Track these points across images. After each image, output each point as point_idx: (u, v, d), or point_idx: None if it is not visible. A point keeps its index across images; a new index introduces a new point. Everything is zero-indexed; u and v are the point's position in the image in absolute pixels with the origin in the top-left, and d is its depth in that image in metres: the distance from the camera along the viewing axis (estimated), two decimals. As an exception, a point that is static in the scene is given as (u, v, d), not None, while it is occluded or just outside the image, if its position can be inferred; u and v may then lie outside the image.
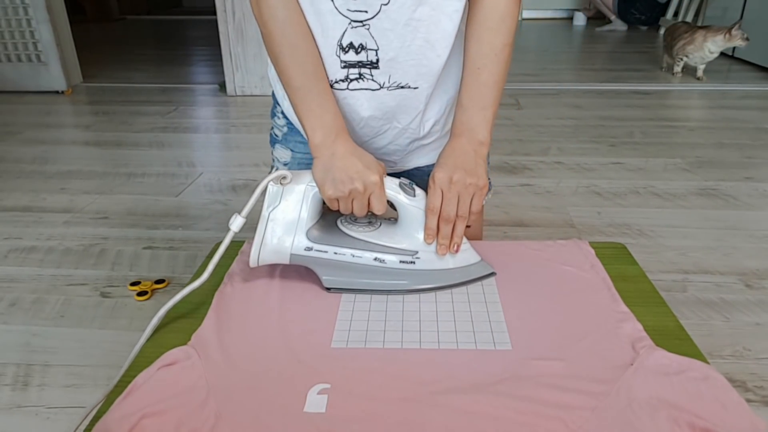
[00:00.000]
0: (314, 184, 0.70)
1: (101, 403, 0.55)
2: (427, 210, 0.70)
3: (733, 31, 2.59)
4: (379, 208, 0.70)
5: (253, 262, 0.71)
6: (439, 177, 0.70)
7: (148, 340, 0.65)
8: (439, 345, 0.63)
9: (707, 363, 0.58)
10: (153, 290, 1.12)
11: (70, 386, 0.89)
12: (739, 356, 0.93)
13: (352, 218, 0.74)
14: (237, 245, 0.84)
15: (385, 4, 0.68)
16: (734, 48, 3.03)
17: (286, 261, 0.71)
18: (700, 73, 2.79)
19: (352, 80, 0.74)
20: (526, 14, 5.02)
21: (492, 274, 0.75)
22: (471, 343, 0.63)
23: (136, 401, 0.54)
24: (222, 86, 2.76)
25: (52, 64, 2.68)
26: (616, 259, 0.79)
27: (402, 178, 0.73)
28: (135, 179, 1.71)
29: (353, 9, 0.68)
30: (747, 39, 2.60)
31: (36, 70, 2.70)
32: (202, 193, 1.61)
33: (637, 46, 3.82)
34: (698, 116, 2.30)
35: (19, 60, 2.68)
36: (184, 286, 0.67)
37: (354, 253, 0.71)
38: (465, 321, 0.67)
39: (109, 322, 1.04)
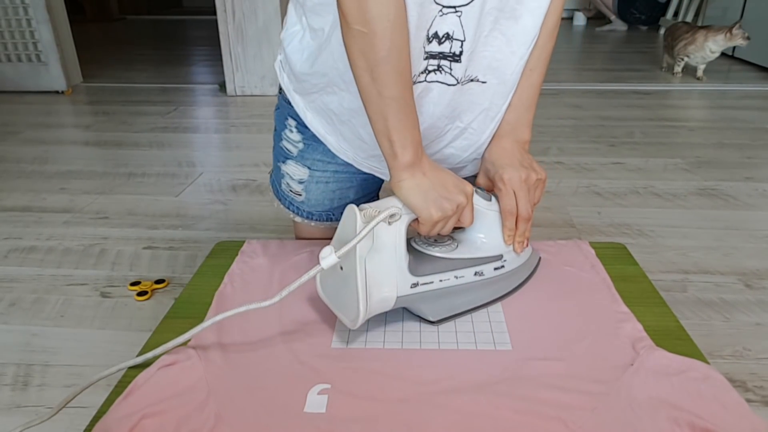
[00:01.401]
0: (408, 212, 0.63)
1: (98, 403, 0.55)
2: (506, 212, 0.69)
3: (734, 31, 2.59)
4: (470, 221, 0.66)
5: (361, 321, 0.60)
6: (510, 177, 0.69)
7: (148, 340, 0.65)
8: (439, 345, 0.63)
9: (707, 363, 0.58)
10: (153, 290, 1.12)
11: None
12: (739, 356, 0.93)
13: (430, 240, 0.69)
14: (237, 245, 0.84)
15: None
16: (734, 48, 3.03)
17: (390, 307, 0.63)
18: (700, 73, 2.79)
19: (430, 72, 0.68)
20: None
21: (540, 259, 0.78)
22: (471, 343, 0.63)
23: (136, 401, 0.54)
24: (222, 86, 2.76)
25: (52, 64, 2.68)
26: (617, 259, 0.79)
27: (477, 186, 0.71)
28: (135, 179, 1.71)
29: None
30: (748, 38, 2.60)
31: (36, 70, 2.70)
32: (202, 193, 1.61)
33: (637, 46, 3.81)
34: (698, 116, 2.30)
35: (19, 60, 2.68)
36: (184, 285, 0.67)
37: (456, 274, 0.66)
38: (465, 321, 0.67)
39: (109, 322, 1.04)
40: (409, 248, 0.66)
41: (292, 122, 0.85)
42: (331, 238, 0.93)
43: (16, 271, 1.22)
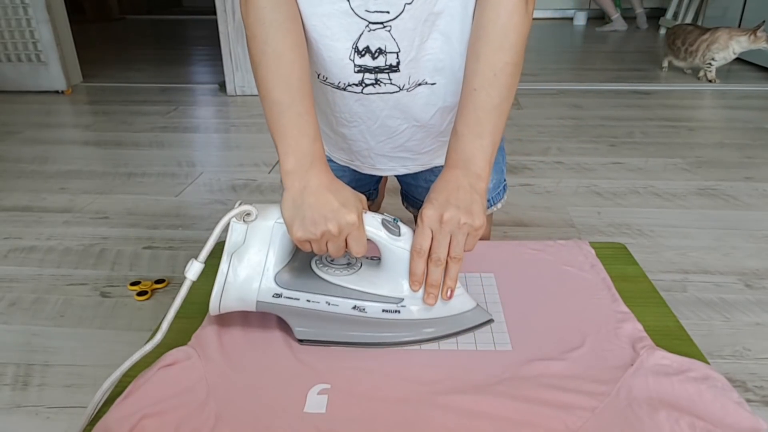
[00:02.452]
0: (282, 222, 0.61)
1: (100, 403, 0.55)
2: (413, 252, 0.60)
3: (759, 33, 2.55)
4: (357, 251, 0.60)
5: (213, 310, 0.62)
6: (428, 214, 0.60)
7: (148, 339, 0.65)
8: (439, 345, 0.63)
9: (707, 363, 0.58)
10: (153, 290, 1.12)
11: (70, 386, 0.89)
12: (739, 356, 0.93)
13: (328, 259, 0.64)
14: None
15: (409, 3, 0.62)
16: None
17: (252, 308, 0.62)
18: (701, 73, 2.78)
19: (367, 85, 0.67)
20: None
21: (489, 321, 0.66)
22: (471, 343, 0.63)
23: (136, 401, 0.54)
24: (222, 86, 2.76)
25: (52, 63, 2.68)
26: (617, 259, 0.79)
27: (385, 214, 0.63)
28: (135, 179, 1.71)
29: (373, 10, 0.61)
30: None
31: (36, 69, 2.70)
32: (202, 193, 1.61)
33: (637, 46, 3.81)
34: (698, 116, 2.30)
35: (19, 60, 2.68)
36: (180, 284, 0.67)
37: (330, 300, 0.61)
38: (465, 321, 0.67)
39: (109, 322, 1.04)
40: (300, 262, 0.64)
41: None
42: None
43: (16, 271, 1.22)
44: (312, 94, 0.64)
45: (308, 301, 0.61)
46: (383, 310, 0.61)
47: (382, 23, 0.63)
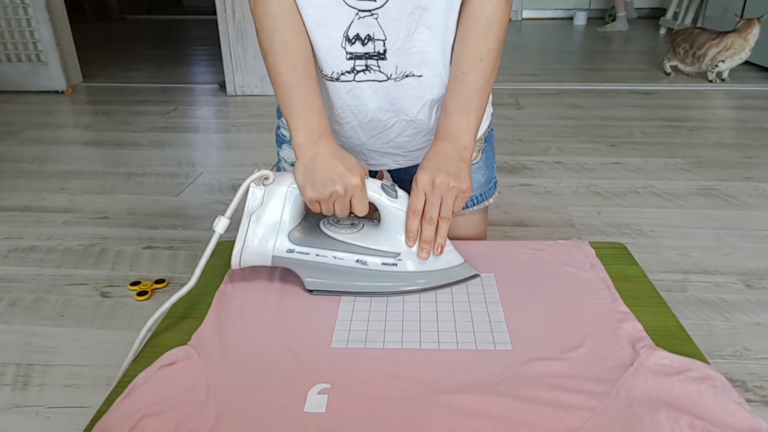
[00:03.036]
0: (296, 186, 0.69)
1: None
2: (409, 211, 0.69)
3: (749, 27, 2.57)
4: (360, 210, 0.69)
5: (234, 264, 0.70)
6: (422, 179, 0.69)
7: (148, 340, 0.65)
8: (439, 345, 0.63)
9: (707, 363, 0.58)
10: (153, 290, 1.12)
11: (70, 386, 0.89)
12: (739, 356, 0.93)
13: (335, 220, 0.73)
14: (227, 246, 0.84)
15: None
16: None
17: (268, 263, 0.71)
18: (711, 76, 2.75)
19: (358, 72, 0.73)
20: (526, 14, 5.02)
21: (475, 275, 0.74)
22: (471, 343, 0.63)
23: (136, 401, 0.54)
24: (222, 86, 2.76)
25: (52, 63, 2.68)
26: (617, 259, 0.79)
27: (384, 180, 0.72)
28: (135, 179, 1.72)
29: None
30: None
31: (36, 69, 2.70)
32: (202, 193, 1.61)
33: (637, 46, 3.82)
34: (698, 116, 2.30)
35: (19, 60, 2.69)
36: (182, 286, 0.67)
37: (336, 255, 0.70)
38: (465, 321, 0.67)
39: (109, 322, 1.04)
40: (312, 223, 0.72)
41: None
42: None
43: (16, 271, 1.22)
44: (316, 76, 0.71)
45: (317, 255, 0.69)
46: (382, 263, 0.70)
47: (369, 11, 0.69)
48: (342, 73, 0.73)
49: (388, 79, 0.74)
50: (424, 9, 0.70)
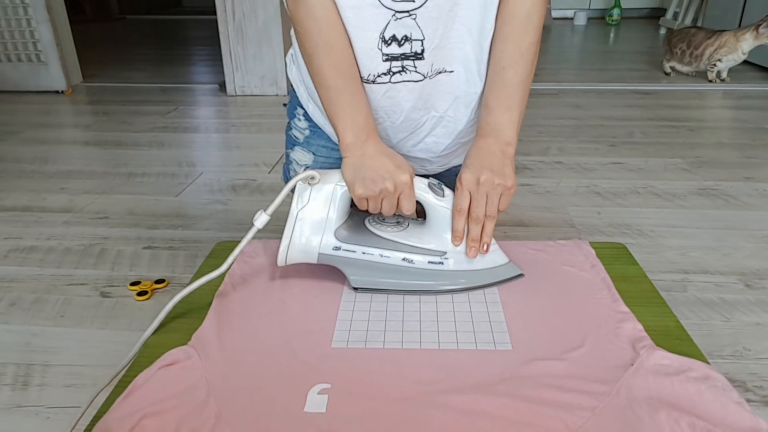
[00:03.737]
0: (343, 184, 0.70)
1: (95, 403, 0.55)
2: (454, 210, 0.70)
3: (761, 29, 2.51)
4: (407, 208, 0.70)
5: (280, 262, 0.71)
6: (466, 178, 0.69)
7: (149, 340, 0.65)
8: (439, 345, 0.63)
9: (707, 363, 0.58)
10: (153, 290, 1.12)
11: (70, 386, 0.89)
12: (739, 356, 0.93)
13: (380, 218, 0.73)
14: (227, 245, 0.84)
15: None
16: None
17: (314, 260, 0.71)
18: (711, 76, 2.73)
19: (394, 73, 0.73)
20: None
21: (520, 275, 0.74)
22: (471, 343, 0.63)
23: (136, 401, 0.54)
24: (222, 86, 2.76)
25: (52, 63, 2.68)
26: (617, 259, 0.79)
27: (431, 178, 0.72)
28: (135, 179, 1.71)
29: (399, 0, 0.67)
30: None
31: (36, 69, 2.70)
32: (202, 193, 1.61)
33: (637, 46, 3.81)
34: (698, 116, 2.30)
35: (19, 60, 2.68)
36: (184, 285, 0.67)
37: (382, 253, 0.70)
38: (465, 321, 0.67)
39: (109, 322, 1.04)
40: (357, 221, 0.73)
41: (300, 111, 0.89)
42: None
43: (16, 271, 1.22)
44: (359, 78, 0.72)
45: (363, 253, 0.70)
46: (429, 262, 0.70)
47: (407, 12, 0.68)
48: (378, 75, 0.73)
49: (424, 78, 0.74)
50: (460, 5, 0.69)
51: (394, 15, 0.68)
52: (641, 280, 0.75)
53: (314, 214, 0.70)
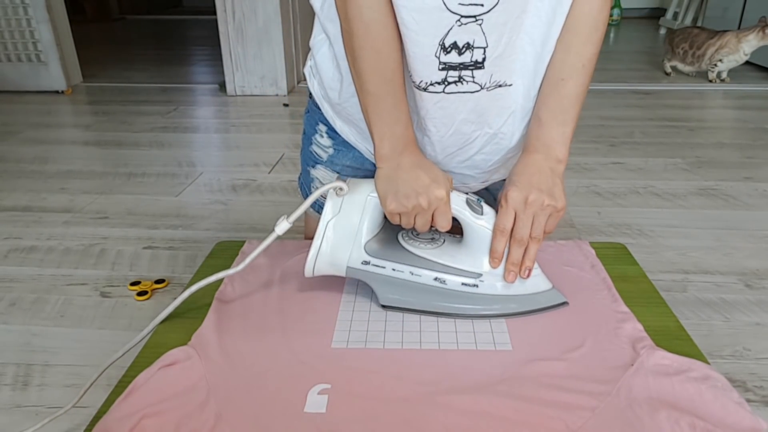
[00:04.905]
0: (375, 195, 0.66)
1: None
2: (496, 230, 0.64)
3: (767, 30, 2.50)
4: (443, 225, 0.65)
5: (308, 272, 0.68)
6: (513, 196, 0.64)
7: (148, 340, 0.65)
8: (439, 345, 0.63)
9: (707, 363, 0.58)
10: (153, 290, 1.12)
11: (70, 386, 0.89)
12: (739, 356, 0.93)
13: (414, 233, 0.69)
14: (238, 245, 0.84)
15: None
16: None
17: (342, 274, 0.68)
18: (711, 76, 2.73)
19: (449, 83, 0.66)
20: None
21: (564, 303, 0.68)
22: (471, 343, 0.63)
23: (136, 401, 0.54)
24: (222, 86, 2.76)
25: (52, 63, 2.69)
26: (617, 259, 0.79)
27: (470, 194, 0.67)
28: (135, 179, 1.72)
29: (467, 3, 0.61)
30: None
31: (36, 69, 2.70)
32: (202, 193, 1.61)
33: (637, 46, 3.82)
34: (698, 116, 2.30)
35: (19, 60, 2.69)
36: (184, 285, 0.67)
37: (413, 270, 0.66)
38: (465, 321, 0.67)
39: (109, 322, 1.04)
40: (390, 235, 0.69)
41: (322, 127, 0.84)
42: None
43: (16, 271, 1.22)
44: (404, 84, 0.67)
45: (393, 270, 0.66)
46: (462, 284, 0.65)
47: (474, 17, 0.62)
48: (431, 84, 0.67)
49: (481, 89, 0.67)
50: (528, 13, 0.64)
51: (458, 20, 0.62)
52: (641, 280, 0.75)
53: (344, 224, 0.66)
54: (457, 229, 0.68)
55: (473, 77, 0.66)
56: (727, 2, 3.38)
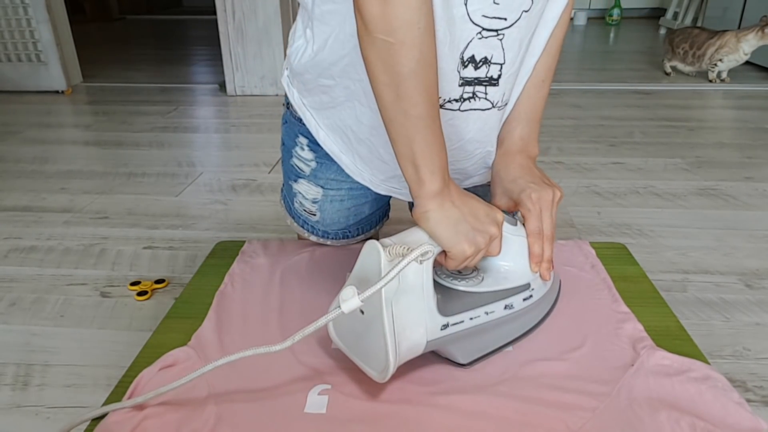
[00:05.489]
0: (434, 244, 0.56)
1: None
2: (532, 234, 0.63)
3: (766, 29, 2.49)
4: (499, 250, 0.60)
5: (389, 376, 0.54)
6: (539, 197, 0.64)
7: (148, 340, 0.65)
8: (439, 345, 0.63)
9: (708, 363, 0.58)
10: (153, 290, 1.12)
11: (70, 386, 0.89)
12: (739, 356, 0.93)
13: (454, 273, 0.62)
14: (238, 245, 0.84)
15: (527, 11, 0.60)
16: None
17: (420, 353, 0.57)
18: (711, 76, 2.73)
19: (465, 100, 0.64)
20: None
21: (560, 281, 0.71)
22: (471, 343, 0.63)
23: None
24: (222, 86, 2.76)
25: (52, 63, 2.68)
26: (617, 260, 0.79)
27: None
28: (135, 179, 1.71)
29: (491, 16, 0.58)
30: None
31: (36, 69, 2.70)
32: (202, 193, 1.61)
33: (637, 46, 3.82)
34: (698, 116, 2.30)
35: (19, 60, 2.68)
36: (184, 285, 0.67)
37: (487, 309, 0.60)
38: (465, 321, 0.67)
39: (109, 322, 1.04)
40: (435, 284, 0.59)
41: (303, 140, 0.79)
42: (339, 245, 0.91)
43: (16, 271, 1.22)
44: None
45: (471, 319, 0.59)
46: (523, 299, 0.63)
47: (496, 31, 0.60)
48: (449, 101, 0.64)
49: (492, 107, 0.66)
50: (528, 28, 0.64)
51: (480, 33, 0.59)
52: (641, 280, 0.75)
53: (411, 296, 0.54)
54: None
55: (486, 94, 0.64)
56: (727, 2, 3.38)
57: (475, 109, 0.65)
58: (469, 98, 0.64)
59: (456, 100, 0.64)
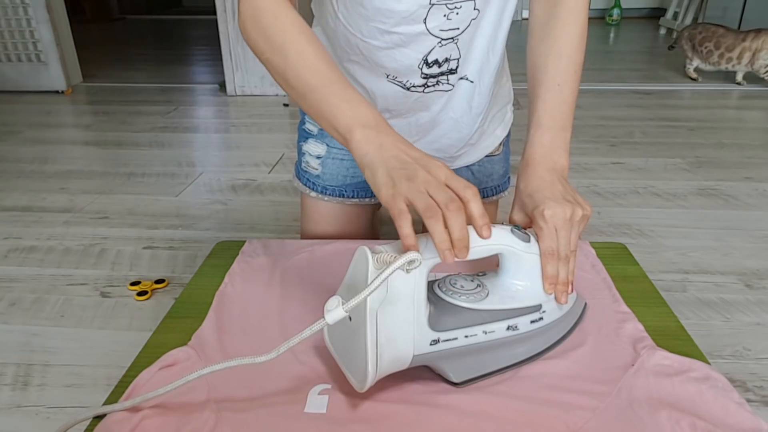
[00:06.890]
0: (420, 255, 0.50)
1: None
2: (546, 253, 0.58)
3: None
4: (479, 209, 0.52)
5: (367, 386, 0.52)
6: (552, 214, 0.58)
7: (149, 340, 0.65)
8: (439, 345, 0.63)
9: (708, 363, 0.58)
10: (153, 290, 1.12)
11: (70, 386, 0.89)
12: (739, 356, 0.93)
13: (456, 286, 0.58)
14: (238, 245, 0.84)
15: (474, 19, 0.72)
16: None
17: (405, 367, 0.54)
18: (739, 77, 2.70)
19: (429, 87, 0.78)
20: (526, 14, 5.01)
21: (585, 305, 0.65)
22: (471, 343, 0.63)
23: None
24: (222, 86, 2.76)
25: (52, 63, 2.69)
26: (617, 259, 0.79)
27: (504, 223, 0.60)
28: (135, 179, 1.72)
29: (447, 28, 0.72)
30: None
31: (36, 69, 2.70)
32: (202, 193, 1.61)
33: (637, 46, 3.82)
34: (698, 116, 2.30)
35: (19, 60, 2.69)
36: (184, 285, 0.67)
37: (485, 329, 0.56)
38: (465, 321, 0.67)
39: (109, 322, 1.04)
40: (430, 296, 0.56)
41: None
42: (337, 237, 0.92)
43: (16, 271, 1.22)
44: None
45: (466, 336, 0.55)
46: (531, 321, 0.58)
47: (452, 38, 0.73)
48: (413, 86, 0.77)
49: (453, 88, 0.79)
50: (488, 22, 0.74)
51: (439, 42, 0.73)
52: (641, 280, 0.75)
53: (399, 307, 0.51)
54: (477, 265, 0.62)
55: (448, 80, 0.78)
56: (727, 2, 3.39)
57: (437, 90, 0.78)
58: (433, 85, 0.78)
59: (419, 86, 0.77)
